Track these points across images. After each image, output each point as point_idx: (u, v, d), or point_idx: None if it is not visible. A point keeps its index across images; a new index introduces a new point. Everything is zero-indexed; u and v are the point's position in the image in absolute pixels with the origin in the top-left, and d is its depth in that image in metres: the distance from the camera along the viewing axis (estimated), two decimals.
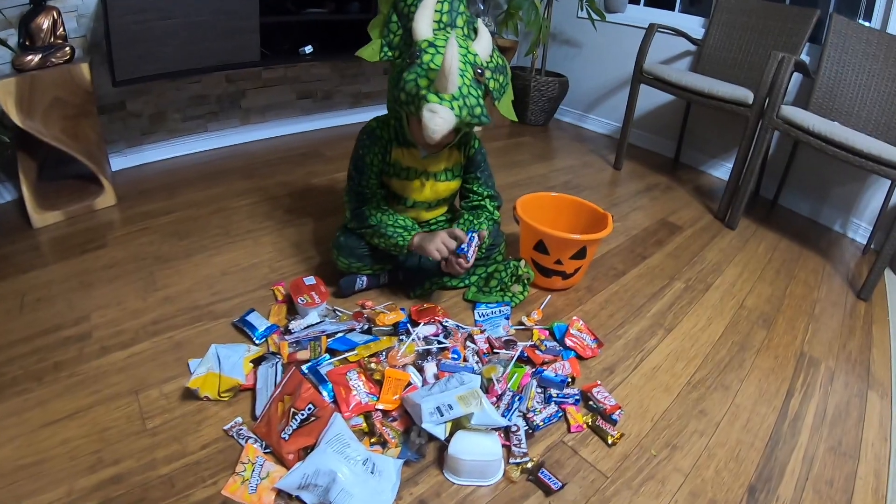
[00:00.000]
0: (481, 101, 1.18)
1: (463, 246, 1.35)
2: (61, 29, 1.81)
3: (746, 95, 2.16)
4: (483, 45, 1.25)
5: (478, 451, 1.02)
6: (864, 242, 2.31)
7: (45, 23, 1.77)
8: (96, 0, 1.95)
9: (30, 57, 1.68)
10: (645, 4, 3.17)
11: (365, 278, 1.54)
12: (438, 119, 1.10)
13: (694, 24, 2.85)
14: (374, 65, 3.03)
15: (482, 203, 1.53)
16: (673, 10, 3.06)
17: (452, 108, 1.12)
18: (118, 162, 2.28)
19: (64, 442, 1.04)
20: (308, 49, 2.49)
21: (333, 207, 2.06)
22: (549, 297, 1.64)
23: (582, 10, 3.08)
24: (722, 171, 2.87)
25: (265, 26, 2.24)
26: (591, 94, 3.46)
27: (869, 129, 2.10)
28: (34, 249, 1.67)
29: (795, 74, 2.22)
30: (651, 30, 2.51)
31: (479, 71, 1.20)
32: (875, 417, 1.35)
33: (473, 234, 1.37)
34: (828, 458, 1.20)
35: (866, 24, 2.31)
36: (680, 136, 2.98)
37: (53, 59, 1.74)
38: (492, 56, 1.29)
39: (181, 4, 1.97)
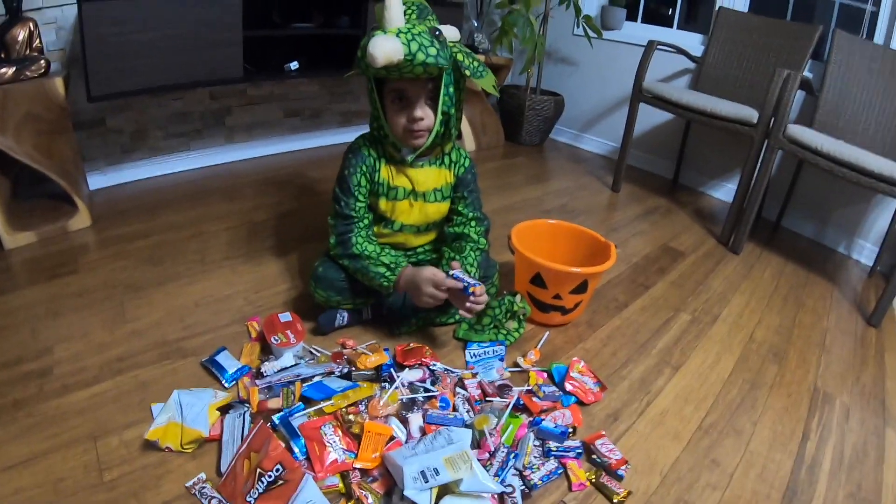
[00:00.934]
0: (437, 46, 1.13)
1: (464, 286, 1.26)
2: (38, 41, 1.75)
3: (751, 114, 2.09)
4: (448, 30, 1.22)
5: None
6: (870, 264, 2.25)
7: (20, 34, 1.70)
8: (76, 12, 1.86)
9: (3, 69, 1.60)
10: (642, 21, 3.12)
11: (346, 314, 1.43)
12: (378, 41, 1.06)
13: (693, 42, 2.79)
14: (365, 83, 2.95)
15: (465, 231, 1.43)
16: (671, 27, 3.01)
17: (399, 38, 1.08)
18: (97, 181, 2.19)
19: (17, 491, 0.94)
20: (294, 65, 2.41)
21: (318, 233, 1.95)
22: (547, 333, 1.53)
23: (578, 27, 3.01)
24: (722, 193, 2.81)
25: (249, 41, 2.15)
26: (587, 113, 3.39)
27: (875, 149, 2.03)
28: (4, 272, 1.59)
29: (798, 93, 2.16)
30: (651, 47, 2.45)
31: (437, 32, 1.16)
32: (893, 457, 1.26)
33: (456, 274, 1.29)
34: None
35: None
36: (679, 156, 2.92)
37: (28, 73, 1.66)
38: (462, 48, 1.25)
39: (161, 16, 1.88)
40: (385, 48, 1.06)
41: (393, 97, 1.25)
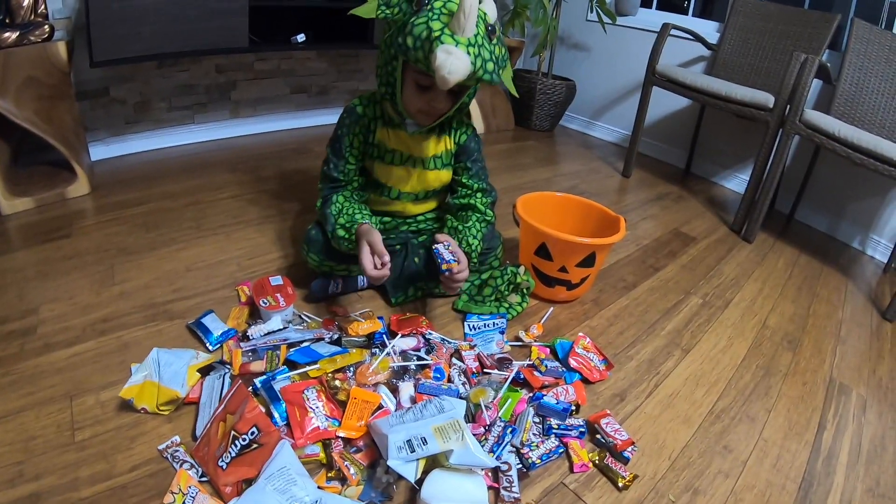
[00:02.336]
0: (493, 58, 1.06)
1: (440, 260, 1.19)
2: (42, 6, 1.70)
3: (767, 99, 2.03)
4: (490, 6, 1.12)
5: (457, 496, 0.83)
6: (885, 261, 2.19)
7: (25, 0, 1.65)
8: None
9: (7, 34, 1.56)
10: (657, 8, 3.04)
11: (340, 280, 1.37)
12: (455, 60, 0.96)
13: (708, 29, 2.72)
14: (374, 61, 2.90)
15: (471, 201, 1.36)
16: (686, 14, 2.93)
17: (469, 54, 0.99)
18: (99, 151, 2.14)
19: None
20: (301, 37, 2.34)
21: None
22: (552, 309, 1.47)
23: (592, 11, 2.94)
24: (735, 183, 2.74)
25: (256, 11, 2.10)
26: (598, 100, 3.32)
27: (894, 138, 1.96)
28: None
29: (815, 81, 2.09)
30: (665, 29, 2.38)
31: (490, 28, 1.08)
32: None
33: (437, 249, 1.22)
34: (866, 500, 1.05)
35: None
36: (691, 145, 2.84)
37: (31, 38, 1.62)
38: (496, 25, 1.16)
39: None
40: (458, 70, 0.97)
41: (417, 79, 1.16)
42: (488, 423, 0.99)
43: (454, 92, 1.18)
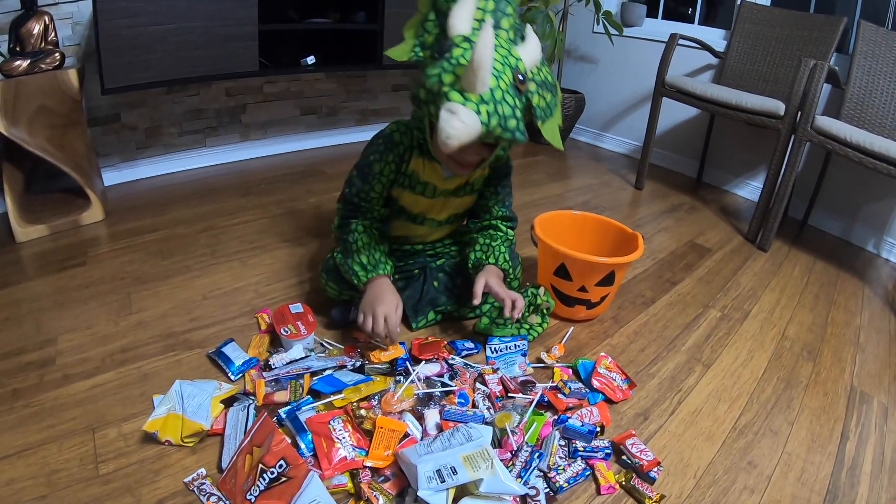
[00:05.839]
0: (518, 112, 0.96)
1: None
2: (53, 35, 1.74)
3: (777, 106, 2.02)
4: (529, 50, 1.04)
5: None
6: None
7: (35, 28, 1.69)
8: (91, 7, 1.84)
9: (18, 62, 1.60)
10: (663, 18, 3.04)
11: None
12: (457, 122, 0.87)
13: (715, 37, 2.72)
14: (382, 81, 2.92)
15: (493, 223, 1.35)
16: (692, 22, 2.93)
17: (479, 113, 0.89)
18: (112, 177, 2.17)
19: (9, 482, 0.91)
20: (310, 60, 2.36)
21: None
22: (572, 329, 1.47)
23: (598, 24, 2.95)
24: (747, 191, 2.73)
25: (265, 35, 2.12)
26: (608, 111, 3.33)
27: None
28: (14, 265, 1.57)
29: (824, 86, 2.09)
30: (673, 40, 2.39)
31: (521, 77, 0.98)
32: None
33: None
34: None
35: None
36: (703, 154, 2.83)
37: (42, 66, 1.65)
38: (539, 69, 1.08)
39: (175, 9, 1.86)
40: (460, 133, 0.88)
41: None
42: (515, 447, 0.99)
43: (488, 143, 1.08)
